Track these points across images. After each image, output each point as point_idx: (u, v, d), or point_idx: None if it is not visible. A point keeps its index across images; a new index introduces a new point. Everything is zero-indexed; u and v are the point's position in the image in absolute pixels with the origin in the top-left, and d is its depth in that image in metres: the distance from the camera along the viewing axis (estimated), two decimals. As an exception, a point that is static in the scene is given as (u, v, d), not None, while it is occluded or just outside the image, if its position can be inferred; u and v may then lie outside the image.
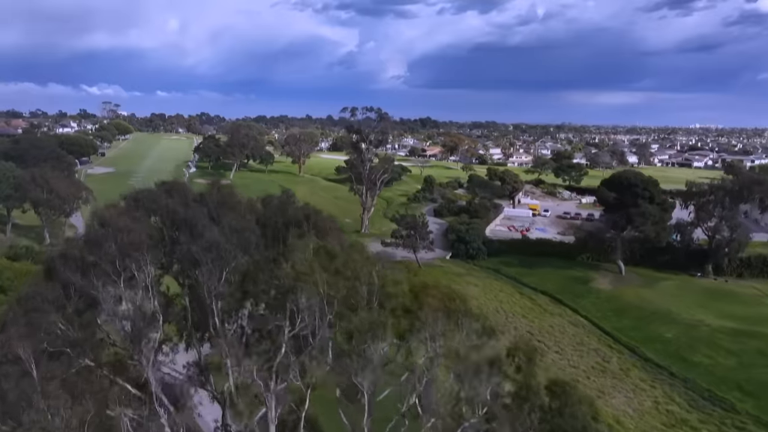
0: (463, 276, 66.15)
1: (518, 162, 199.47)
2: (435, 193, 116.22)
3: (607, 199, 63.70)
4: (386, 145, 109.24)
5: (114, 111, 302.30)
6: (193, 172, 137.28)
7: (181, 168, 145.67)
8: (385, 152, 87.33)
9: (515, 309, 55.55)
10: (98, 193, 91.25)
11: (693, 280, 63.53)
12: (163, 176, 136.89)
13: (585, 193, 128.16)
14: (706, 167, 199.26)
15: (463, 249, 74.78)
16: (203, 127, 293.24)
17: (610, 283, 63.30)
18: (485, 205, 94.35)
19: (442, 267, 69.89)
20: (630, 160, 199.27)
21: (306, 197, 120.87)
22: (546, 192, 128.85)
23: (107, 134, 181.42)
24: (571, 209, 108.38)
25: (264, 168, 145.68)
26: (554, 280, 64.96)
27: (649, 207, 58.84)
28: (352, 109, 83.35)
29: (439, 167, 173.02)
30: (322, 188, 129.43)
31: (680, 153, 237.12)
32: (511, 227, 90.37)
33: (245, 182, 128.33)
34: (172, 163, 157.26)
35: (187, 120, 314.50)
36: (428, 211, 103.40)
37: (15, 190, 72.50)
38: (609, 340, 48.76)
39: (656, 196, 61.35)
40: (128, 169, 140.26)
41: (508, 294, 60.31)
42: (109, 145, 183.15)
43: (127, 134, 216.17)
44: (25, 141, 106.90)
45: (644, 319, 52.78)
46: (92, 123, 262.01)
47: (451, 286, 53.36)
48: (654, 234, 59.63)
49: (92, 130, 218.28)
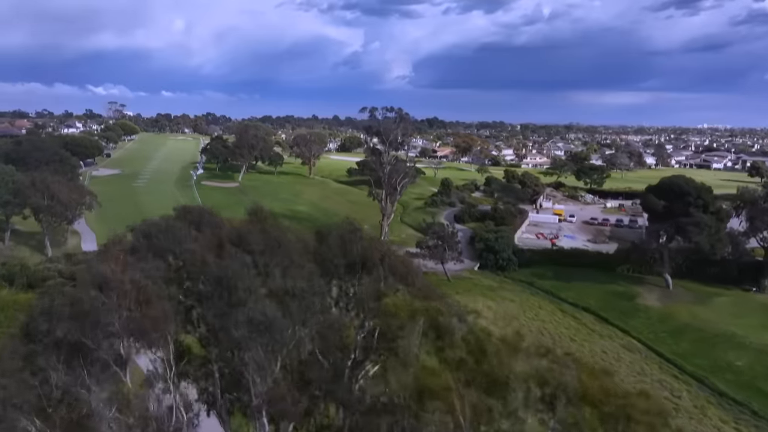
0: (496, 290, 60.75)
1: (532, 163, 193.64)
2: (452, 196, 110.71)
3: (654, 208, 58.12)
4: (406, 148, 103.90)
5: (120, 111, 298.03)
6: (200, 174, 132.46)
7: (189, 170, 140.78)
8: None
9: (560, 330, 50.11)
10: (103, 196, 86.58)
11: (749, 296, 57.88)
12: (170, 178, 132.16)
13: (608, 197, 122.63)
14: (726, 169, 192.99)
15: (492, 259, 69.32)
16: (209, 127, 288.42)
17: (657, 299, 57.75)
18: (510, 210, 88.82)
19: (471, 279, 64.52)
20: (647, 161, 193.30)
21: (319, 201, 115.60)
22: (567, 195, 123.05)
23: (113, 135, 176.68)
24: (596, 214, 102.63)
25: (273, 170, 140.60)
26: (595, 295, 59.47)
27: (704, 217, 53.30)
28: (372, 109, 77.84)
29: (451, 169, 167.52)
30: (334, 191, 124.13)
31: (696, 154, 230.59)
32: (539, 234, 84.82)
33: (255, 184, 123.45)
34: (179, 164, 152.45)
35: (193, 120, 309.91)
36: (447, 216, 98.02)
37: (14, 196, 67.50)
38: (672, 369, 43.30)
39: (710, 205, 55.81)
40: (134, 170, 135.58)
41: (549, 312, 54.85)
42: (115, 146, 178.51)
43: (132, 135, 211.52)
44: (27, 143, 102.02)
45: (706, 343, 47.28)
46: (98, 123, 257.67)
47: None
48: (709, 246, 54.05)
49: (98, 130, 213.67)
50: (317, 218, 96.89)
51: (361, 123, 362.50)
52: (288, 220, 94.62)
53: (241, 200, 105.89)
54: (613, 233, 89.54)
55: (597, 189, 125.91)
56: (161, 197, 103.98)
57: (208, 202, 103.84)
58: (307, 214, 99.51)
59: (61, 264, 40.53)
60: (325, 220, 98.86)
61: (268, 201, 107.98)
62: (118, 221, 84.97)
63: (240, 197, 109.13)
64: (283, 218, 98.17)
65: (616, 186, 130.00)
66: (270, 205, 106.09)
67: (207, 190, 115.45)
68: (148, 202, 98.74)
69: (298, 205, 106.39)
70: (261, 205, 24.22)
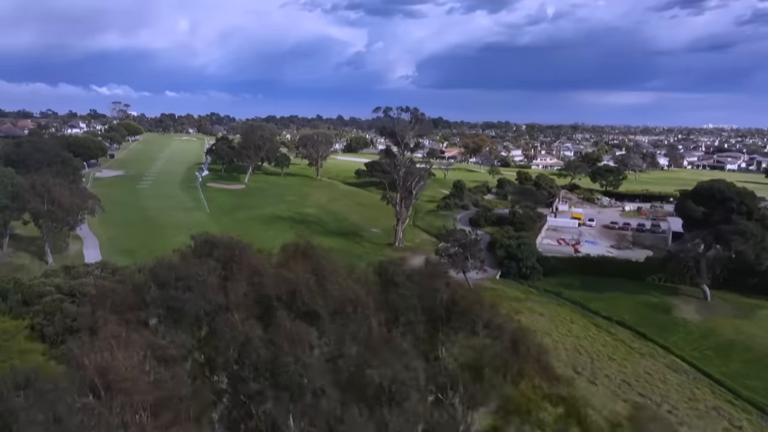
0: (523, 302, 56.94)
1: (542, 164, 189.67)
2: (465, 199, 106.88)
3: (692, 214, 54.23)
4: (421, 150, 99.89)
5: (124, 111, 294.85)
6: (206, 175, 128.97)
7: (194, 171, 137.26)
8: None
9: (597, 347, 46.26)
10: (106, 198, 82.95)
11: (795, 309, 53.94)
12: (175, 179, 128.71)
13: (624, 199, 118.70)
14: (740, 170, 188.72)
15: (514, 268, 65.54)
16: (213, 127, 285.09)
17: (696, 311, 53.86)
18: (530, 214, 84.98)
19: (495, 289, 60.67)
20: (659, 162, 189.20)
21: (328, 204, 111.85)
22: (583, 198, 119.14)
23: (117, 135, 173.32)
24: (615, 218, 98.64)
25: (279, 171, 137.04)
26: (628, 307, 55.60)
27: (749, 224, 49.45)
28: (386, 109, 74.16)
29: (461, 170, 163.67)
30: (342, 193, 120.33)
31: (708, 155, 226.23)
32: (561, 240, 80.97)
33: (261, 186, 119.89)
34: (184, 165, 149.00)
35: (197, 120, 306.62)
36: (462, 219, 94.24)
37: (13, 200, 63.97)
38: (725, 393, 39.44)
39: (755, 212, 51.93)
40: (138, 171, 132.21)
41: (582, 327, 51.00)
42: (119, 147, 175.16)
43: (137, 135, 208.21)
44: (28, 144, 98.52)
45: (758, 363, 43.43)
46: (102, 123, 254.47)
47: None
48: (754, 256, 50.16)
49: (101, 130, 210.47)
50: (326, 222, 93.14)
51: (366, 123, 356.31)
52: (296, 223, 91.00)
53: (248, 203, 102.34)
54: (636, 238, 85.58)
55: (613, 191, 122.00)
56: (166, 200, 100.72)
57: (215, 205, 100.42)
58: (315, 217, 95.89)
59: (60, 278, 37.07)
60: (335, 224, 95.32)
61: (274, 203, 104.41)
62: (123, 226, 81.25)
63: (247, 200, 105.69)
64: (292, 221, 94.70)
65: (632, 188, 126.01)
66: (277, 208, 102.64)
67: (213, 192, 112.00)
68: (153, 205, 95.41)
69: (305, 207, 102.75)
70: (307, 239, 17.90)
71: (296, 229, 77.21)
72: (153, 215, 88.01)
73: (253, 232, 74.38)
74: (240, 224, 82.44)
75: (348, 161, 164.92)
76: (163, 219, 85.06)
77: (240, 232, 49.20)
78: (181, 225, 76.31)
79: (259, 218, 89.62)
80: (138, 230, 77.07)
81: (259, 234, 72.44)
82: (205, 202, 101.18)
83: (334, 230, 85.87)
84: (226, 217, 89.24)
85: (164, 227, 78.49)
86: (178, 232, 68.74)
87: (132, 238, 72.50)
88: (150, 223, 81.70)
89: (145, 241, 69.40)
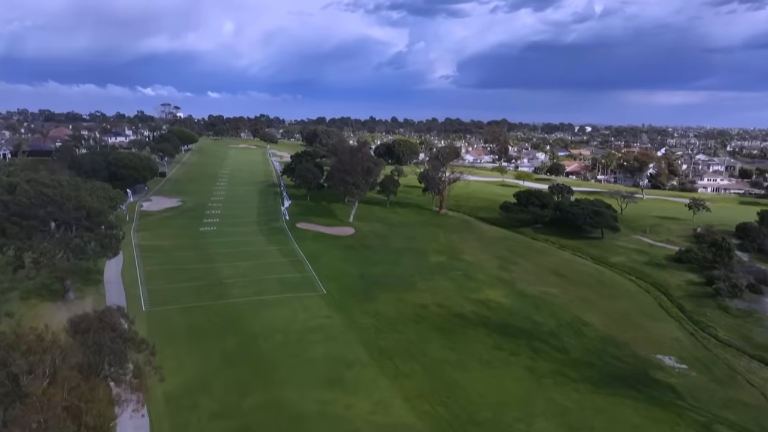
0: None
1: (711, 186, 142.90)
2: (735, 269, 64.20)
3: None
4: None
5: (173, 114, 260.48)
6: (289, 207, 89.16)
7: (270, 199, 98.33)
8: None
9: None
10: (154, 257, 44.26)
11: None
12: (250, 214, 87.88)
13: None
14: None
15: None
16: (268, 131, 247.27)
17: None
18: None
19: None
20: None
21: (499, 271, 59.56)
22: None
23: (168, 147, 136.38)
24: None
25: (385, 199, 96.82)
26: None
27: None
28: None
29: (654, 201, 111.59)
30: (506, 246, 78.06)
31: None
32: None
33: (374, 229, 75.38)
34: (254, 187, 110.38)
35: (251, 123, 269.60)
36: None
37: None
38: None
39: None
40: (198, 201, 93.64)
41: None
42: (171, 160, 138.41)
43: (190, 143, 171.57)
44: (30, 186, 60.75)
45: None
46: (150, 129, 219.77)
47: None
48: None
49: (149, 138, 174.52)
50: (547, 332, 45.20)
51: (424, 125, 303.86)
52: (501, 335, 43.01)
53: (377, 269, 59.19)
54: None
55: None
56: (248, 260, 61.06)
57: (323, 271, 59.39)
58: (513, 311, 50.50)
59: None
60: (578, 342, 41.66)
61: (422, 269, 59.71)
62: (197, 360, 28.76)
63: (371, 260, 63.81)
64: (485, 325, 43.79)
65: None
66: (437, 284, 51.97)
67: (309, 240, 71.66)
68: (230, 276, 55.14)
69: (475, 282, 57.81)
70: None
71: (523, 357, 37.89)
72: (238, 310, 47.65)
73: (443, 370, 34.97)
74: (393, 331, 43.07)
75: (472, 181, 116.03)
76: (254, 319, 45.27)
77: (410, 359, 31.97)
78: (291, 342, 38.69)
79: (421, 314, 48.29)
80: (225, 367, 36.81)
81: (463, 378, 32.68)
82: (309, 266, 60.90)
83: (596, 365, 39.93)
84: (356, 307, 48.90)
85: (265, 355, 38.51)
86: (292, 370, 34.93)
87: (217, 399, 32.46)
88: (241, 338, 41.32)
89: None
